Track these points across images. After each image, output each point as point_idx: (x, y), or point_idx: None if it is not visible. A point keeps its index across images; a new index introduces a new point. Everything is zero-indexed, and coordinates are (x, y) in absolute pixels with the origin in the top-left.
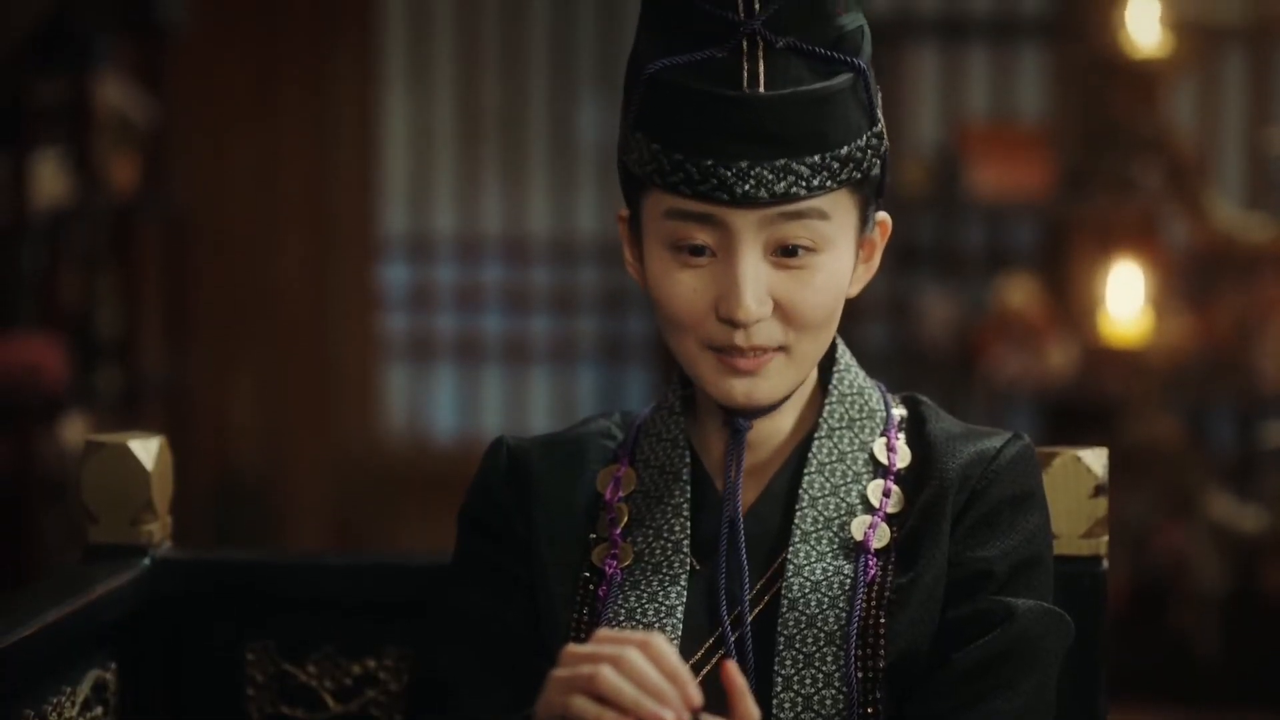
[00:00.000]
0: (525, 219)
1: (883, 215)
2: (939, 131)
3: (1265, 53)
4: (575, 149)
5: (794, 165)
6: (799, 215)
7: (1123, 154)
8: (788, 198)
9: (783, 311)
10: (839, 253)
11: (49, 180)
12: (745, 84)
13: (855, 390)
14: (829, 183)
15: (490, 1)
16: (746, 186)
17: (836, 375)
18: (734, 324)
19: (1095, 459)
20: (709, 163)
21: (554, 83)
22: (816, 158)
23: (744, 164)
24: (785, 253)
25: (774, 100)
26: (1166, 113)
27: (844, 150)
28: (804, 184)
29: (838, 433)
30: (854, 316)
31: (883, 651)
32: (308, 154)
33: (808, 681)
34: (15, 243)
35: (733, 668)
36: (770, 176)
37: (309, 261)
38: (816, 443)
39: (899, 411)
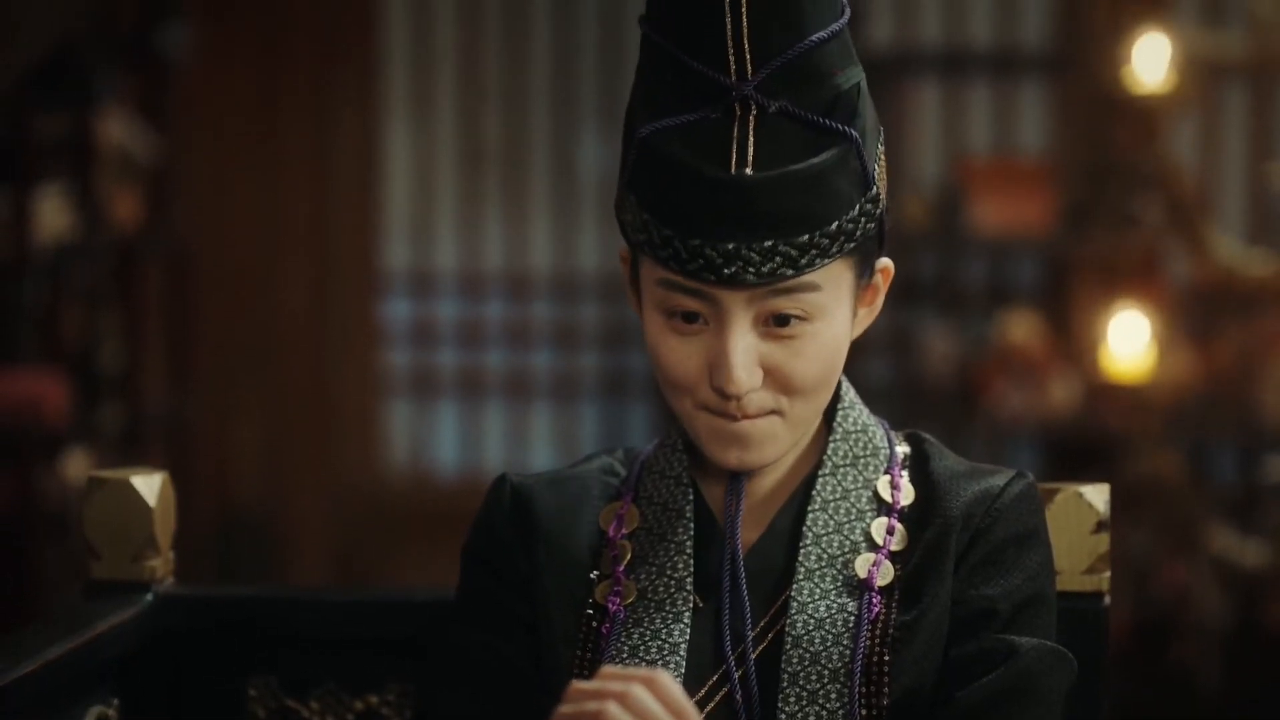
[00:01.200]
0: (527, 254)
1: (884, 261)
2: (940, 167)
3: (1266, 88)
4: (577, 184)
5: (781, 246)
6: (789, 291)
7: (1124, 189)
8: (775, 278)
9: (774, 380)
10: (833, 318)
11: (51, 216)
12: (734, 164)
13: (859, 428)
14: (818, 260)
15: (491, 36)
16: (733, 268)
17: (840, 413)
18: (725, 396)
19: (1097, 495)
20: (696, 242)
21: (556, 118)
22: (805, 237)
23: (730, 246)
24: (777, 322)
25: (763, 182)
26: (1168, 148)
27: (834, 226)
28: (791, 264)
29: (841, 470)
30: (855, 352)
31: (886, 689)
32: (309, 190)
33: (811, 719)
34: (17, 278)
35: None
36: (757, 258)
37: (311, 297)
38: (820, 480)
39: (902, 449)
